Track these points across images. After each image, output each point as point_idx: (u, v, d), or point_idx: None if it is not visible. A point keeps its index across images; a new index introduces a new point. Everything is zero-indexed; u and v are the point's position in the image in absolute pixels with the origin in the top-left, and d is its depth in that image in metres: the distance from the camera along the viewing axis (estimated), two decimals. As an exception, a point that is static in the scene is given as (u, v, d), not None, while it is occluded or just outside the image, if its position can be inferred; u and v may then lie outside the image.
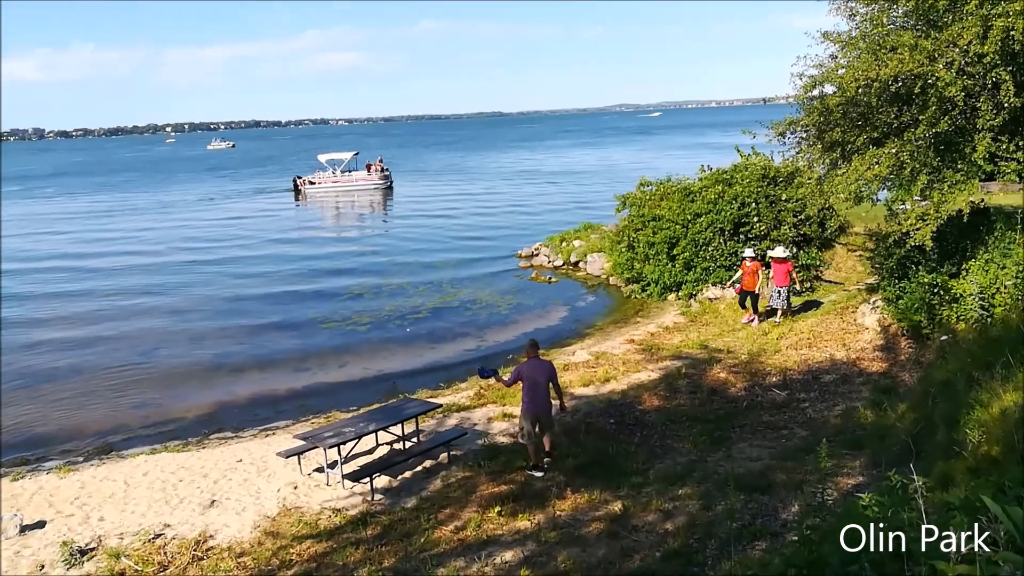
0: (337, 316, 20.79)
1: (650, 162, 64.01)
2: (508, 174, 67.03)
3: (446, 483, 10.05)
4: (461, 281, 24.50)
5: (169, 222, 43.76)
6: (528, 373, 9.89)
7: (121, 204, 55.80)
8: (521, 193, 50.74)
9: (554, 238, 27.15)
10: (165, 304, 23.24)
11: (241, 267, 28.82)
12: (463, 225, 37.54)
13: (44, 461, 12.59)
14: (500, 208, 43.14)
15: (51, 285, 26.77)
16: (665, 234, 19.94)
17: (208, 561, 8.43)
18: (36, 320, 21.93)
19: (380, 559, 7.86)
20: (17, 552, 9.10)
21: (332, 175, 54.83)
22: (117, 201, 58.32)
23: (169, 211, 49.44)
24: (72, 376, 16.78)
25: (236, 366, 17.06)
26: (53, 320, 21.87)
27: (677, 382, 13.05)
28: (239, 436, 13.14)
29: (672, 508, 8.23)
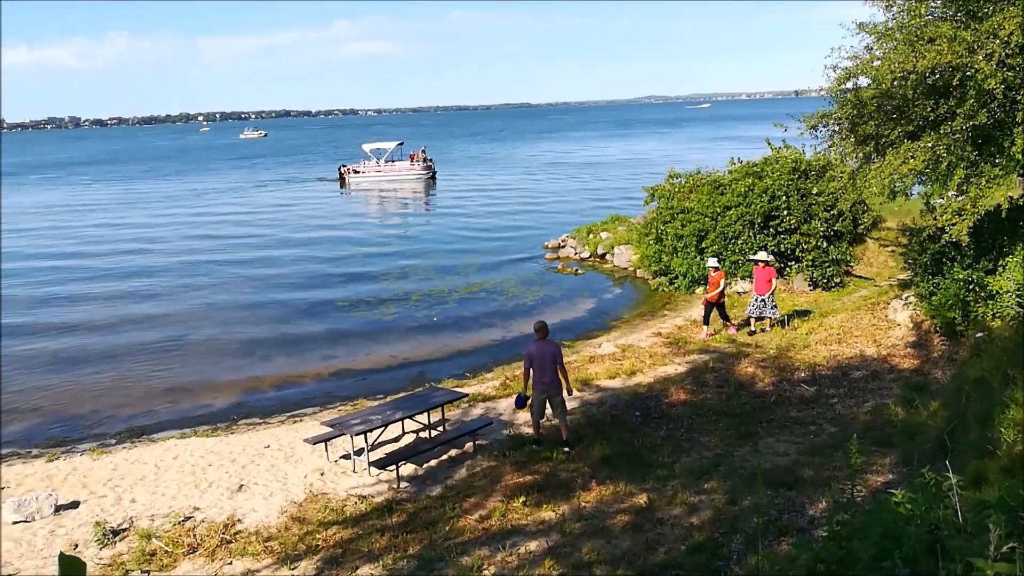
0: (365, 304, 20.93)
1: (678, 154, 63.56)
2: (536, 165, 66.90)
3: (471, 472, 10.10)
4: (487, 271, 24.54)
5: (205, 209, 44.40)
6: (537, 354, 10.33)
7: (162, 191, 56.85)
8: (548, 184, 50.62)
9: (581, 230, 27.07)
10: (198, 291, 23.57)
11: (274, 255, 29.11)
12: (491, 215, 37.56)
13: (78, 443, 12.86)
14: (527, 199, 43.08)
15: (87, 270, 27.27)
16: (694, 227, 19.80)
17: (236, 544, 8.55)
18: (72, 303, 22.35)
19: (405, 546, 7.91)
20: (52, 531, 9.30)
21: (376, 164, 55.06)
22: (159, 188, 59.47)
23: (206, 198, 50.16)
24: (105, 360, 17.08)
25: (265, 353, 17.26)
26: (88, 303, 22.29)
27: (704, 376, 12.97)
28: (267, 422, 13.31)
29: (698, 502, 8.18)
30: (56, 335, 19.18)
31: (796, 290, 18.67)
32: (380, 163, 55.22)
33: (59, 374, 16.31)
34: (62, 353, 17.69)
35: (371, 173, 54.48)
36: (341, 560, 7.86)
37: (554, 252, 26.78)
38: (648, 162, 61.43)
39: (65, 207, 48.73)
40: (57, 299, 23.15)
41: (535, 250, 27.52)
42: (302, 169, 71.40)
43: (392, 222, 38.10)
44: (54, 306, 22.27)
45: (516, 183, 52.44)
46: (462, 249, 28.80)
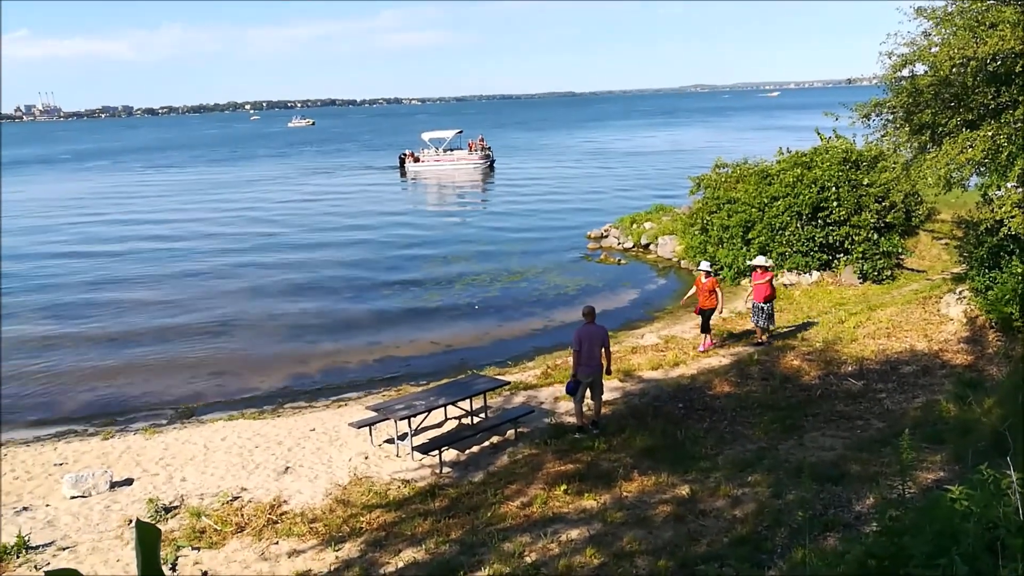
0: (408, 291, 21.12)
1: (723, 144, 62.65)
2: (579, 154, 66.61)
3: (513, 459, 10.15)
4: (529, 260, 24.54)
5: (259, 195, 45.36)
6: (586, 336, 10.53)
7: (219, 177, 58.25)
8: (591, 173, 50.37)
9: (624, 220, 26.89)
10: (248, 275, 24.09)
11: (325, 241, 29.54)
12: (537, 204, 37.58)
13: (131, 422, 13.25)
14: (570, 188, 42.93)
15: (140, 253, 27.98)
16: (740, 217, 19.53)
17: (282, 525, 8.72)
18: (125, 287, 22.98)
19: (447, 531, 7.99)
20: (107, 507, 9.61)
21: (435, 153, 55.28)
22: (215, 174, 61.02)
23: (260, 185, 51.20)
24: (157, 342, 17.54)
25: (311, 338, 17.53)
26: (140, 287, 22.91)
27: (748, 368, 12.82)
28: (312, 406, 13.54)
29: (741, 494, 8.10)
30: (110, 317, 19.75)
31: (844, 282, 18.31)
32: (439, 152, 55.37)
33: (113, 355, 16.79)
34: (116, 335, 18.21)
35: (430, 162, 54.68)
36: (384, 543, 7.97)
37: (597, 242, 26.65)
38: (693, 152, 60.70)
39: (119, 193, 50.04)
40: (110, 282, 23.84)
41: (577, 240, 27.42)
42: (357, 157, 72.32)
43: (442, 210, 38.39)
44: (107, 290, 22.90)
45: (560, 172, 52.32)
46: (505, 238, 28.85)
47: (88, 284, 23.72)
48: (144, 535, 1.90)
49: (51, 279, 24.47)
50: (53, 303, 21.34)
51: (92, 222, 37.17)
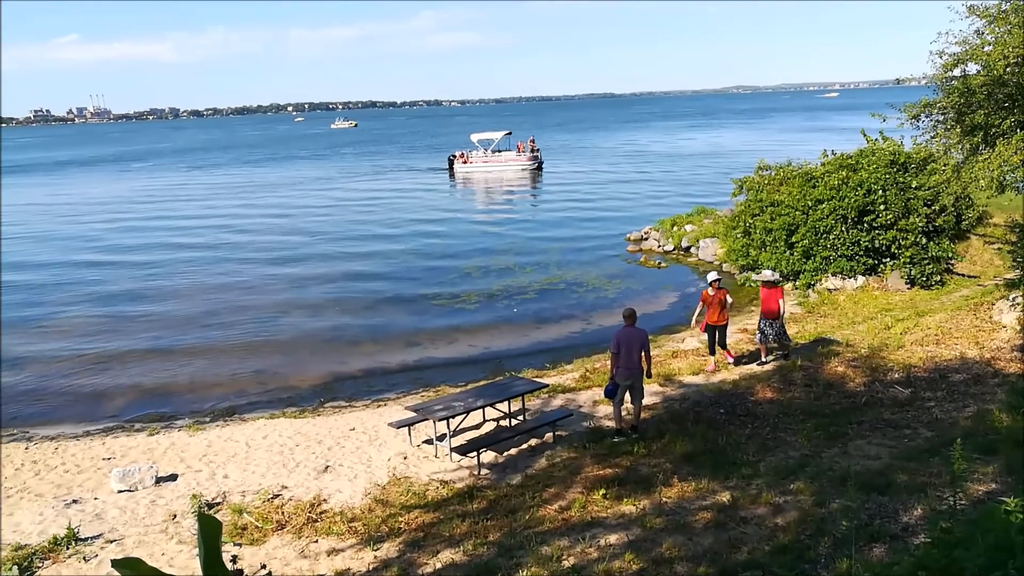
0: (447, 294, 21.20)
1: (765, 146, 61.82)
2: (618, 156, 66.27)
3: (551, 462, 10.11)
4: (568, 263, 24.47)
5: (303, 198, 45.98)
6: (625, 339, 10.45)
7: (265, 178, 59.38)
8: (630, 175, 50.08)
9: (665, 222, 26.67)
10: (290, 276, 24.45)
11: (368, 242, 29.85)
12: (577, 206, 37.54)
13: (176, 419, 13.52)
14: (608, 190, 42.75)
15: (186, 254, 28.54)
16: (784, 220, 19.23)
17: (321, 523, 8.81)
18: (172, 286, 23.45)
19: (485, 533, 7.99)
20: (152, 501, 9.81)
21: (483, 155, 55.28)
22: (262, 174, 62.26)
23: (305, 186, 51.86)
24: (201, 341, 17.87)
25: (351, 338, 17.71)
26: (187, 286, 23.36)
27: (792, 374, 12.60)
28: (352, 405, 13.67)
29: (783, 502, 7.96)
30: (156, 316, 20.20)
31: (891, 288, 17.92)
32: (487, 153, 55.33)
33: (158, 353, 17.15)
34: (161, 334, 18.60)
35: (478, 163, 54.74)
36: (423, 543, 8.00)
37: (636, 244, 26.47)
38: (734, 154, 60.02)
39: (166, 194, 51.15)
40: (158, 281, 24.37)
41: (617, 242, 27.28)
42: (402, 158, 72.96)
43: (485, 212, 38.38)
44: (154, 289, 23.42)
45: (599, 174, 52.11)
46: (544, 240, 28.84)
47: (136, 283, 24.27)
48: (206, 527, 1.93)
49: (101, 278, 25.10)
50: (102, 301, 21.89)
51: (139, 221, 38.07)
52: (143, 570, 1.84)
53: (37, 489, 10.50)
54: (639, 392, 10.79)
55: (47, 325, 19.66)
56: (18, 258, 29.48)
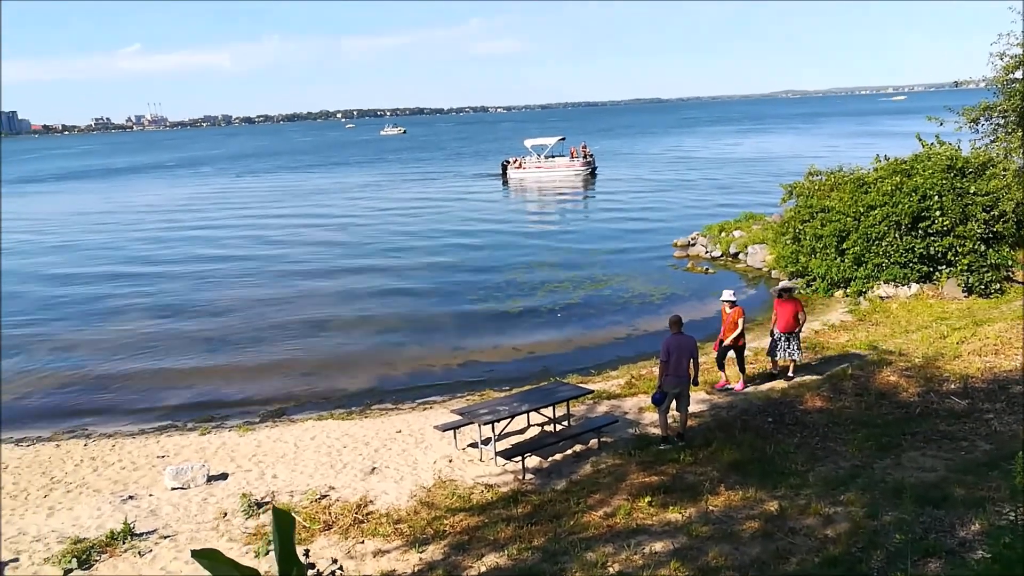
0: (492, 297, 21.28)
1: (814, 151, 60.75)
2: (664, 162, 65.78)
3: (596, 469, 10.07)
4: (614, 269, 24.36)
5: (352, 202, 46.73)
6: (675, 346, 10.41)
7: (318, 183, 60.53)
8: (676, 181, 49.64)
9: (712, 227, 26.38)
10: (338, 280, 24.80)
11: (416, 246, 30.16)
12: (624, 211, 37.40)
13: (226, 419, 13.82)
14: (655, 196, 42.44)
15: (239, 258, 29.18)
16: (834, 227, 18.87)
17: (368, 524, 8.91)
18: (224, 288, 24.00)
19: (530, 537, 7.99)
20: (204, 499, 10.03)
21: (536, 160, 55.21)
22: (315, 179, 63.58)
23: (356, 191, 52.66)
24: (251, 343, 18.23)
25: (397, 342, 17.89)
26: (238, 289, 23.89)
27: (842, 383, 12.34)
28: (398, 408, 13.81)
29: (833, 513, 7.81)
30: (208, 317, 20.69)
31: (946, 296, 17.44)
32: (540, 159, 55.21)
33: (210, 354, 17.55)
34: (213, 335, 19.03)
35: (531, 168, 54.68)
36: (468, 547, 8.03)
37: (683, 250, 26.23)
38: (781, 159, 59.10)
39: (220, 199, 52.38)
40: (210, 283, 25.02)
41: (663, 247, 27.07)
42: (451, 164, 73.58)
43: (533, 217, 38.39)
44: (206, 291, 24.03)
45: (645, 179, 51.78)
46: (590, 245, 28.79)
47: (189, 285, 24.90)
48: (280, 521, 1.99)
49: (156, 281, 25.77)
50: (158, 303, 22.48)
51: (194, 225, 39.06)
52: (221, 561, 1.90)
53: (95, 485, 10.82)
54: (686, 400, 10.72)
55: (105, 327, 20.27)
56: (77, 265, 30.45)
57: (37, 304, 23.26)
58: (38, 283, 26.43)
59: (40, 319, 21.37)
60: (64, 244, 35.17)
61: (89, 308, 22.47)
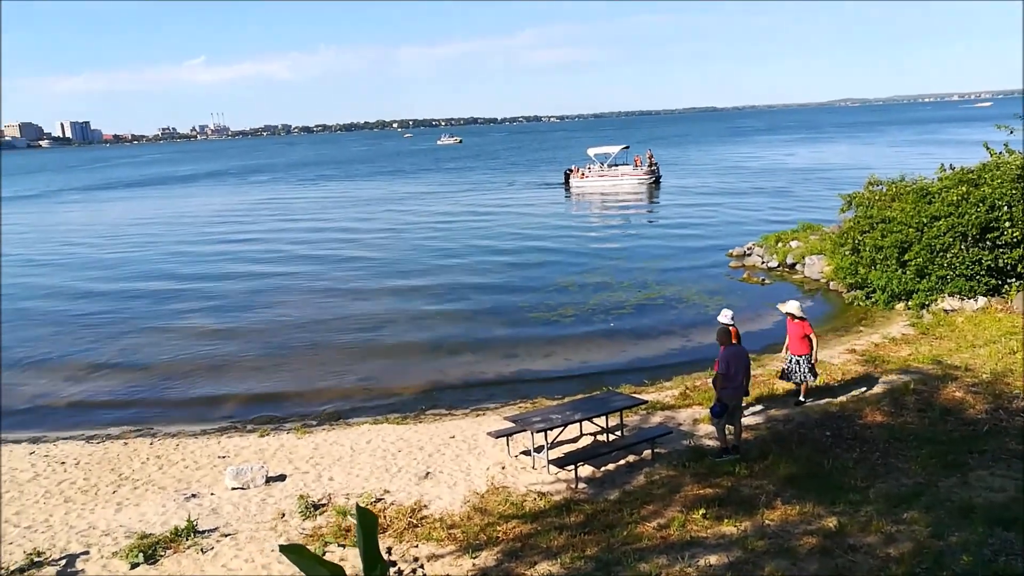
0: (544, 307, 21.30)
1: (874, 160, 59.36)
2: (718, 170, 64.99)
3: (649, 479, 10.01)
4: (667, 278, 24.16)
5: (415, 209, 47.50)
6: (733, 358, 10.27)
7: (383, 191, 61.83)
8: (731, 190, 48.97)
9: (769, 238, 25.97)
10: (397, 285, 25.22)
11: (472, 255, 30.34)
12: (679, 219, 37.11)
13: (284, 421, 14.13)
14: (710, 204, 41.95)
15: (297, 263, 29.85)
16: (896, 237, 18.41)
17: (422, 529, 9.01)
18: (283, 292, 24.57)
19: (583, 547, 7.99)
20: (263, 499, 10.28)
21: (599, 169, 54.87)
22: (379, 187, 65.03)
23: (419, 200, 53.30)
24: (309, 347, 18.62)
25: (451, 348, 18.05)
26: (297, 293, 24.47)
27: (904, 398, 12.03)
28: (452, 414, 13.94)
29: (895, 532, 7.63)
30: (267, 321, 21.20)
31: (1017, 310, 16.83)
32: (603, 167, 54.83)
33: (270, 358, 17.96)
34: (272, 338, 19.49)
35: (594, 177, 54.37)
36: (520, 554, 8.07)
37: (739, 260, 25.88)
38: (840, 168, 57.86)
39: (280, 205, 53.64)
40: (269, 288, 25.65)
41: (718, 257, 26.77)
42: (510, 174, 73.93)
43: (591, 226, 37.94)
44: (266, 294, 24.66)
45: (699, 188, 51.20)
46: (644, 253, 28.65)
47: (249, 288, 25.56)
48: (364, 520, 2.06)
49: (220, 284, 26.53)
50: (219, 307, 23.11)
51: (257, 231, 40.12)
52: (307, 557, 1.98)
53: (160, 482, 11.19)
54: (739, 412, 10.63)
55: (170, 329, 20.92)
56: (147, 266, 31.51)
57: (107, 305, 24.14)
58: (108, 283, 27.40)
59: (108, 321, 22.16)
60: (131, 249, 36.38)
61: (155, 310, 23.24)
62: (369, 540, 2.06)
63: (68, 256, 35.57)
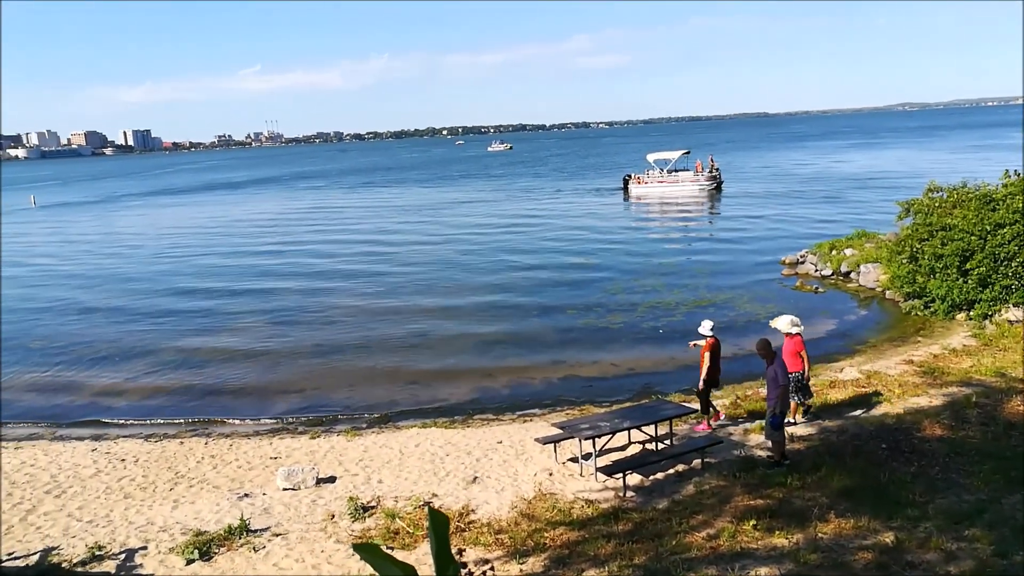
0: (592, 314, 21.20)
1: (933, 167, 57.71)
2: (771, 177, 63.88)
3: (699, 489, 9.89)
4: (718, 285, 23.85)
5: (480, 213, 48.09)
6: (783, 370, 10.32)
7: (443, 196, 62.43)
8: (783, 196, 48.08)
9: (823, 245, 25.45)
10: (446, 289, 25.49)
11: (523, 260, 30.50)
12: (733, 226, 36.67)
13: (335, 424, 14.34)
14: (763, 211, 41.27)
15: (349, 267, 30.30)
16: (957, 246, 17.87)
17: (469, 533, 9.05)
18: (334, 295, 24.98)
19: (631, 555, 7.93)
20: (313, 500, 10.44)
21: (659, 175, 54.26)
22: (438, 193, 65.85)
23: (471, 206, 53.58)
24: (359, 350, 18.89)
25: (499, 354, 18.11)
26: (347, 297, 24.83)
27: (965, 411, 11.65)
28: (499, 419, 13.98)
29: (956, 549, 7.39)
30: (318, 324, 21.58)
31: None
32: (663, 173, 54.14)
33: (321, 362, 18.25)
34: (322, 341, 19.82)
35: (653, 183, 53.75)
36: (568, 561, 8.05)
37: (792, 268, 25.42)
38: (897, 174, 56.42)
39: (331, 211, 54.53)
40: (320, 291, 26.13)
41: (771, 265, 26.33)
42: (568, 180, 74.10)
43: (647, 233, 37.58)
44: (318, 296, 25.19)
45: (752, 195, 50.39)
46: (695, 261, 28.33)
47: (302, 293, 26.02)
48: (435, 520, 2.09)
49: (271, 289, 27.05)
50: (273, 311, 23.55)
51: (309, 238, 40.82)
52: (380, 556, 2.00)
53: (215, 481, 11.45)
54: None
55: (224, 331, 21.43)
56: (204, 271, 32.34)
57: (167, 307, 24.83)
58: (166, 287, 28.17)
59: (166, 323, 22.79)
60: (188, 255, 37.35)
61: (210, 314, 23.81)
62: (441, 541, 2.07)
63: (127, 261, 36.64)
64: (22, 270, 35.19)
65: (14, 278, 32.84)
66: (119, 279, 31.15)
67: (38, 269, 35.38)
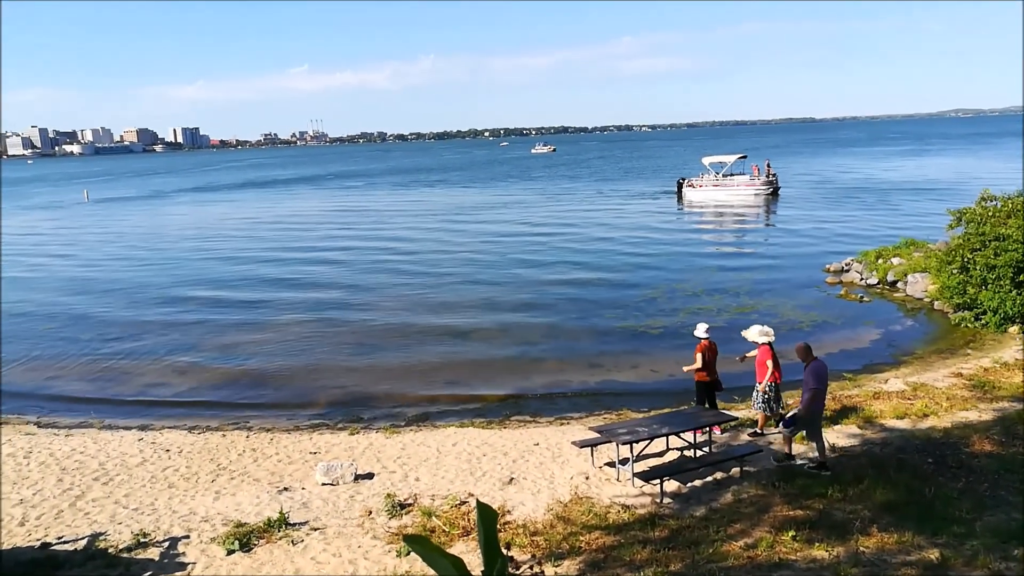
0: (631, 318, 21.09)
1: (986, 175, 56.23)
2: (815, 183, 62.83)
3: (737, 498, 9.77)
4: (761, 292, 23.54)
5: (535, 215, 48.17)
6: (821, 375, 10.32)
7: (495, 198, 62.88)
8: (828, 203, 47.26)
9: (869, 253, 24.98)
10: (485, 291, 25.58)
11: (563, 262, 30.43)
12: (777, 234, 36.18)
13: (374, 421, 14.48)
14: (807, 218, 40.65)
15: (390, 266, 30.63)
16: (1011, 256, 17.39)
17: (504, 535, 9.05)
18: (376, 294, 25.29)
19: (667, 562, 7.87)
20: (351, 496, 10.56)
21: (714, 179, 53.62)
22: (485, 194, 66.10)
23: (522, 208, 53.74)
24: (398, 349, 19.04)
25: (536, 356, 18.11)
26: (388, 297, 25.12)
27: (1017, 427, 11.35)
28: (536, 421, 13.98)
29: (1004, 569, 7.21)
30: (358, 323, 21.83)
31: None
32: (718, 177, 53.47)
33: (360, 358, 18.47)
34: (363, 339, 20.05)
35: (708, 187, 53.12)
36: (603, 565, 8.02)
37: (836, 276, 24.99)
38: (948, 182, 55.12)
39: (374, 210, 55.14)
40: (362, 289, 26.51)
41: (814, 272, 25.92)
42: (599, 182, 74.08)
43: (696, 237, 37.36)
44: (359, 294, 25.52)
45: (792, 200, 49.62)
46: (737, 266, 28.02)
47: (343, 291, 26.35)
48: (484, 514, 2.12)
49: (313, 286, 27.46)
50: (315, 308, 23.85)
51: (350, 234, 41.42)
52: (430, 548, 2.04)
53: (255, 474, 11.64)
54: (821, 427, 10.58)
55: (266, 328, 21.76)
56: (248, 266, 32.91)
57: (207, 304, 25.31)
58: (211, 282, 28.74)
59: (211, 317, 23.23)
60: (232, 252, 38.04)
61: (254, 308, 24.23)
62: (490, 535, 2.10)
63: (175, 256, 37.42)
64: (71, 262, 36.31)
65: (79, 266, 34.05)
66: (165, 273, 31.84)
67: (72, 261, 36.55)
